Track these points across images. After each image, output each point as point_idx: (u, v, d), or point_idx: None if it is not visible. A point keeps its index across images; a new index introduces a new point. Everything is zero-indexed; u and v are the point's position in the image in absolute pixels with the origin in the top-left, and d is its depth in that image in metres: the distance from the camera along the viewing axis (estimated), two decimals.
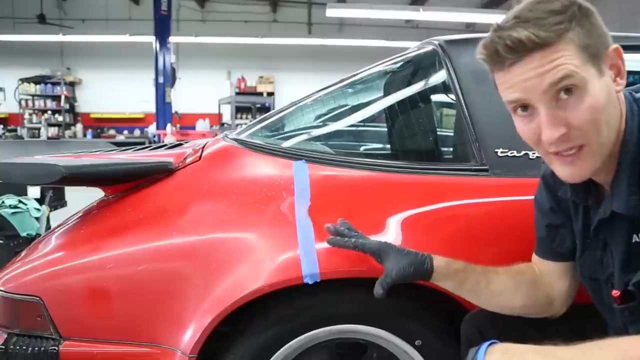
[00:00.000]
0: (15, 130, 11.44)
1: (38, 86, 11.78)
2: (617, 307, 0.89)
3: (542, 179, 1.04)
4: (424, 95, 1.60)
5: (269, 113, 1.72)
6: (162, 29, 9.19)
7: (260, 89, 12.42)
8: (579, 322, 1.05)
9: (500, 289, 1.03)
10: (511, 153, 1.25)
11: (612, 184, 0.86)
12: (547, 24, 0.76)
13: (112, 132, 12.25)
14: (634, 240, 0.84)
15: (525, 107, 0.82)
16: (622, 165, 0.83)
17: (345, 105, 1.71)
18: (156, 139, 9.06)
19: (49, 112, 11.99)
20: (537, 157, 1.22)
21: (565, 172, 0.84)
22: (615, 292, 0.89)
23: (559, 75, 0.76)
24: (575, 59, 0.77)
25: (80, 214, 1.51)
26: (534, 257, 1.09)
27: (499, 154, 1.26)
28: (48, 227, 2.84)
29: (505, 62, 0.79)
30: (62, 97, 11.79)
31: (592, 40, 0.78)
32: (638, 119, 0.83)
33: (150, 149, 1.71)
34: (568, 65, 0.76)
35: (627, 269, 0.86)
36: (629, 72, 1.84)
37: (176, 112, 10.99)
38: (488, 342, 0.83)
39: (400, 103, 1.62)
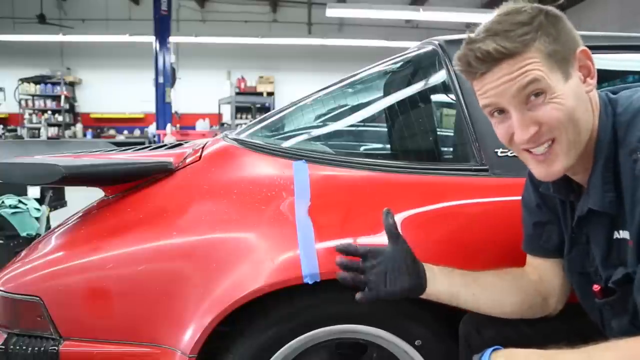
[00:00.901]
0: (15, 130, 11.44)
1: (38, 86, 11.78)
2: (598, 301, 0.91)
3: (529, 175, 1.06)
4: (424, 95, 1.60)
5: (269, 113, 1.72)
6: (162, 29, 9.19)
7: (260, 89, 12.42)
8: (577, 321, 1.05)
9: (489, 282, 1.04)
10: (511, 153, 1.25)
11: (588, 182, 0.88)
12: (514, 35, 0.81)
13: (112, 132, 12.25)
14: (614, 237, 0.86)
15: (500, 110, 0.87)
16: (597, 164, 0.86)
17: (345, 105, 1.70)
18: (156, 139, 9.06)
19: (49, 112, 11.98)
20: None
21: (540, 171, 0.88)
22: (596, 287, 0.91)
23: (526, 80, 0.81)
24: (542, 65, 0.81)
25: (80, 214, 1.51)
26: (527, 256, 1.10)
27: (499, 154, 1.26)
28: (48, 227, 2.84)
29: (477, 72, 0.85)
30: (62, 97, 11.79)
31: (559, 46, 0.82)
32: (612, 119, 0.86)
33: (150, 149, 1.71)
34: (535, 71, 0.81)
35: (607, 265, 0.88)
36: (630, 72, 1.85)
37: (176, 112, 10.99)
38: (492, 349, 0.84)
39: (400, 103, 1.62)
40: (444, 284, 1.03)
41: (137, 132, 12.18)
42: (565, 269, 1.02)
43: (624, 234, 0.84)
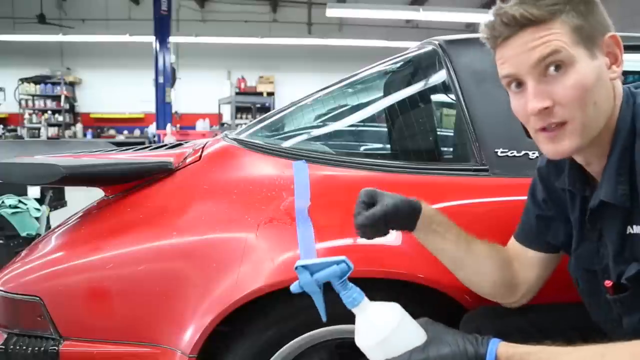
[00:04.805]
0: (15, 130, 11.46)
1: (38, 86, 11.79)
2: (610, 297, 0.90)
3: (537, 170, 1.06)
4: (424, 95, 1.60)
5: (269, 113, 1.72)
6: (162, 29, 9.21)
7: (260, 89, 12.44)
8: (582, 321, 1.05)
9: (479, 250, 1.03)
10: (511, 153, 1.25)
11: (602, 173, 0.87)
12: (542, 4, 0.80)
13: (112, 132, 12.27)
14: (628, 232, 0.85)
15: (519, 83, 0.85)
16: (613, 154, 0.85)
17: (345, 105, 1.71)
18: (156, 139, 9.08)
19: (49, 112, 12.00)
20: (537, 157, 1.22)
21: (549, 148, 0.85)
22: (608, 283, 0.89)
23: (547, 51, 0.80)
24: (566, 37, 0.80)
25: (80, 214, 1.51)
26: (512, 241, 1.09)
27: (499, 154, 1.26)
28: (48, 227, 2.84)
29: (500, 36, 0.83)
30: (62, 97, 11.81)
31: (586, 23, 0.81)
32: (632, 110, 0.85)
33: (150, 149, 1.71)
34: (557, 42, 0.79)
35: (620, 260, 0.87)
36: (629, 72, 1.84)
37: (176, 112, 11.01)
38: (497, 342, 0.83)
39: (400, 103, 1.62)
40: (437, 238, 1.02)
41: (137, 132, 12.19)
42: (572, 265, 1.00)
43: (637, 229, 0.83)
